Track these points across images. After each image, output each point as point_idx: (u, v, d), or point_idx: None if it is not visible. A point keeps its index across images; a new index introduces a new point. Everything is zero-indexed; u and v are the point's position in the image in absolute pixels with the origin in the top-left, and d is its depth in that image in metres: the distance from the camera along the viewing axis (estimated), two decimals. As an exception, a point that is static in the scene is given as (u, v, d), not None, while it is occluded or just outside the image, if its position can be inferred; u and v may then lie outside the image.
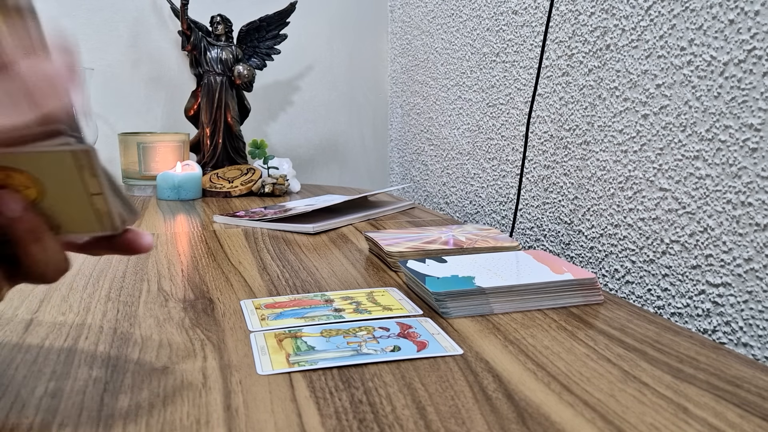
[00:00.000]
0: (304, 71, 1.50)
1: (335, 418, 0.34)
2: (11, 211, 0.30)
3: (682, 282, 0.67)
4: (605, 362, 0.42)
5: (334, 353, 0.43)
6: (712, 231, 0.63)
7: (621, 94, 0.74)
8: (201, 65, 1.29)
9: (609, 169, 0.77)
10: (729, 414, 0.35)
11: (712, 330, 0.63)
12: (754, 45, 0.57)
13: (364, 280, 0.62)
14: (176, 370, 0.41)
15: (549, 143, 0.89)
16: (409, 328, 0.48)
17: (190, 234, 0.84)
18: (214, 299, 0.56)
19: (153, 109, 1.39)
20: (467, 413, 0.35)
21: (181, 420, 0.34)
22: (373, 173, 1.60)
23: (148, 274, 0.64)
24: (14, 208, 0.30)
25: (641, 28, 0.71)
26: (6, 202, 0.30)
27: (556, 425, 0.34)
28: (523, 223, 0.97)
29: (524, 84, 0.96)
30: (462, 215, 1.19)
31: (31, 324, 0.49)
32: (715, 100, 0.62)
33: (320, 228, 0.86)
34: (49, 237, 0.32)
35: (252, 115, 1.39)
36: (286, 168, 1.26)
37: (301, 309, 0.53)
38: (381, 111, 1.59)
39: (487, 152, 1.09)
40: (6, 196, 0.30)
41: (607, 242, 0.78)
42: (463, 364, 0.42)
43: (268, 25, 1.33)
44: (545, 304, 0.53)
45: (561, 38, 0.85)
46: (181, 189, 1.15)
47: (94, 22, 1.33)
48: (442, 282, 0.54)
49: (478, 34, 1.10)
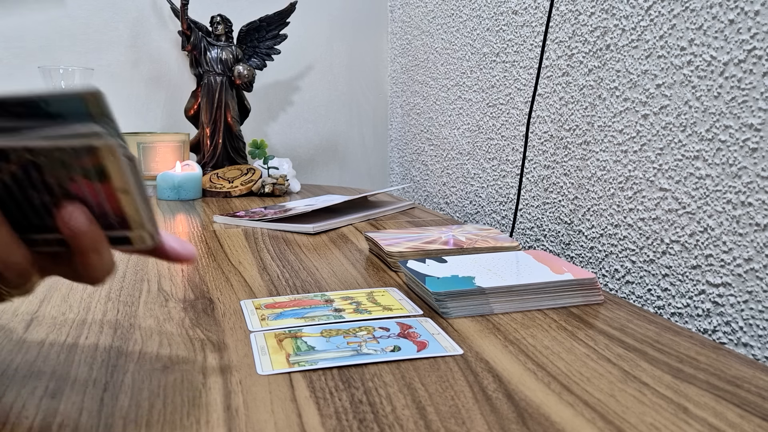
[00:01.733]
0: (304, 71, 1.50)
1: (335, 418, 0.34)
2: (78, 224, 0.31)
3: (682, 282, 0.67)
4: (605, 362, 0.42)
5: (334, 353, 0.43)
6: (712, 231, 0.63)
7: (621, 94, 0.74)
8: (201, 65, 1.29)
9: (609, 169, 0.77)
10: (729, 414, 0.35)
11: (712, 330, 0.63)
12: (754, 45, 0.57)
13: (364, 280, 0.62)
14: (176, 370, 0.40)
15: (549, 143, 0.89)
16: (409, 328, 0.48)
17: (190, 234, 0.84)
18: (214, 299, 0.56)
19: (153, 109, 1.39)
20: (467, 413, 0.35)
21: (181, 420, 0.34)
22: (373, 173, 1.60)
23: (148, 274, 0.64)
24: (81, 221, 0.31)
25: (641, 28, 0.71)
26: (74, 215, 0.31)
27: (556, 425, 0.34)
28: (523, 223, 0.97)
29: (524, 84, 0.96)
30: (462, 215, 1.19)
31: (31, 324, 0.49)
32: (715, 100, 0.62)
33: (320, 228, 0.86)
34: (108, 247, 0.34)
35: (252, 115, 1.39)
36: (286, 168, 1.26)
37: (301, 309, 0.53)
38: (381, 111, 1.59)
39: (487, 152, 1.09)
40: (74, 210, 0.31)
41: (607, 242, 0.78)
42: (463, 364, 0.42)
43: (268, 25, 1.33)
44: (545, 304, 0.53)
45: (561, 38, 0.85)
46: (181, 189, 1.15)
47: (94, 22, 1.33)
48: (442, 282, 0.54)
49: (478, 34, 1.10)
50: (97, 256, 0.33)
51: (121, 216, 0.33)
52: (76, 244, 0.32)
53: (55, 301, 0.55)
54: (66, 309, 0.53)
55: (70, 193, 0.32)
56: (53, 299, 0.55)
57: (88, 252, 0.33)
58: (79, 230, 0.31)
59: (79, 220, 0.31)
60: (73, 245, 0.32)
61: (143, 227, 0.33)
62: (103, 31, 1.34)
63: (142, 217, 0.33)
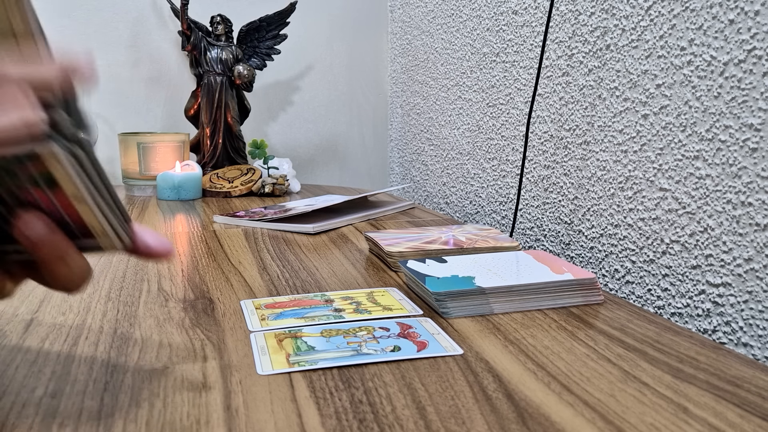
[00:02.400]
0: (304, 71, 1.50)
1: (335, 418, 0.34)
2: (36, 234, 0.29)
3: (682, 282, 0.67)
4: (605, 362, 0.42)
5: (334, 353, 0.43)
6: (712, 231, 0.63)
7: (621, 94, 0.74)
8: (201, 65, 1.29)
9: (609, 169, 0.77)
10: (729, 414, 0.35)
11: (712, 330, 0.63)
12: (754, 45, 0.57)
13: (364, 280, 0.62)
14: (176, 370, 0.41)
15: (549, 143, 0.89)
16: (409, 328, 0.48)
17: (190, 234, 0.84)
18: (214, 299, 0.56)
19: (153, 109, 1.39)
20: (467, 413, 0.35)
21: (181, 420, 0.34)
22: (373, 173, 1.60)
23: (148, 274, 0.64)
24: (39, 231, 0.29)
25: (641, 28, 0.71)
26: (30, 225, 0.29)
27: (556, 425, 0.34)
28: (523, 223, 0.97)
29: (524, 84, 0.96)
30: (462, 215, 1.19)
31: (31, 324, 0.49)
32: (715, 100, 0.62)
33: (320, 228, 0.86)
34: (74, 254, 0.31)
35: (252, 115, 1.39)
36: (286, 168, 1.26)
37: (301, 309, 0.53)
38: (381, 111, 1.59)
39: (487, 152, 1.09)
40: (30, 219, 0.29)
41: (607, 242, 0.78)
42: (463, 364, 0.42)
43: (268, 25, 1.33)
44: (545, 304, 0.53)
45: (561, 38, 0.85)
46: (181, 189, 1.15)
47: (94, 22, 1.33)
48: (442, 282, 0.54)
49: (478, 34, 1.10)
50: (63, 265, 0.31)
51: (80, 224, 0.30)
52: (37, 255, 0.30)
53: (55, 301, 0.55)
54: (66, 309, 0.53)
55: (27, 202, 0.30)
56: (53, 299, 0.55)
57: (53, 262, 0.31)
58: (38, 239, 0.29)
59: (36, 229, 0.29)
60: (34, 256, 0.30)
61: (106, 234, 0.31)
62: (103, 31, 1.34)
63: (102, 224, 0.30)
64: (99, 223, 0.30)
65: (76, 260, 0.32)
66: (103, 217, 0.30)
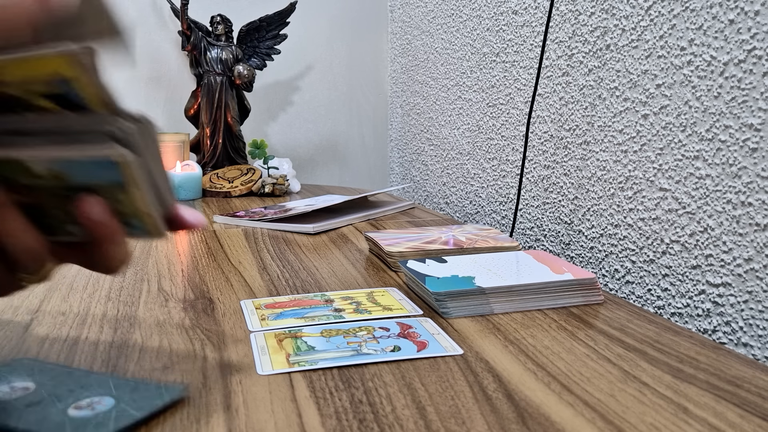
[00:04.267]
0: (304, 71, 1.50)
1: (335, 418, 0.34)
2: (96, 215, 0.32)
3: (682, 282, 0.67)
4: (605, 362, 0.42)
5: (334, 353, 0.43)
6: (712, 231, 0.63)
7: (621, 94, 0.74)
8: (201, 65, 1.29)
9: (609, 169, 0.77)
10: (729, 414, 0.35)
11: (712, 330, 0.63)
12: (754, 45, 0.57)
13: (364, 280, 0.62)
14: (176, 370, 0.41)
15: (549, 143, 0.89)
16: (409, 328, 0.48)
17: (190, 234, 0.84)
18: (214, 299, 0.56)
19: (153, 109, 1.39)
20: (467, 413, 0.35)
21: (181, 420, 0.34)
22: (373, 173, 1.60)
23: (148, 274, 0.64)
24: (99, 212, 0.32)
25: (641, 28, 0.71)
26: (93, 206, 0.32)
27: (556, 425, 0.34)
28: (523, 223, 0.97)
29: (524, 84, 0.96)
30: (462, 215, 1.19)
31: (31, 324, 0.49)
32: (715, 100, 0.62)
33: (320, 228, 0.86)
34: (124, 238, 0.34)
35: (252, 115, 1.39)
36: (286, 168, 1.26)
37: (301, 309, 0.53)
38: (381, 111, 1.59)
39: (487, 152, 1.09)
40: (92, 201, 0.32)
41: (607, 242, 0.78)
42: (463, 364, 0.42)
43: (268, 25, 1.33)
44: (545, 304, 0.53)
45: (561, 38, 0.85)
46: (181, 189, 1.15)
47: (94, 22, 1.33)
48: (442, 282, 0.54)
49: (478, 34, 1.10)
50: (114, 247, 0.34)
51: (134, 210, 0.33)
52: (95, 235, 0.33)
53: (55, 301, 0.55)
54: (66, 309, 0.53)
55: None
56: (53, 299, 0.55)
57: (106, 242, 0.33)
58: (99, 220, 0.32)
59: (97, 210, 0.32)
60: (92, 236, 0.33)
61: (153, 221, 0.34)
62: (103, 31, 1.33)
63: (154, 215, 0.33)
64: (151, 214, 0.33)
65: (124, 243, 0.35)
66: (153, 207, 0.33)
